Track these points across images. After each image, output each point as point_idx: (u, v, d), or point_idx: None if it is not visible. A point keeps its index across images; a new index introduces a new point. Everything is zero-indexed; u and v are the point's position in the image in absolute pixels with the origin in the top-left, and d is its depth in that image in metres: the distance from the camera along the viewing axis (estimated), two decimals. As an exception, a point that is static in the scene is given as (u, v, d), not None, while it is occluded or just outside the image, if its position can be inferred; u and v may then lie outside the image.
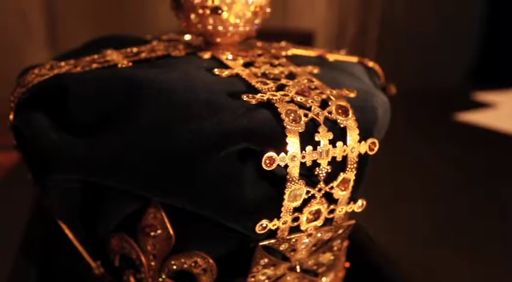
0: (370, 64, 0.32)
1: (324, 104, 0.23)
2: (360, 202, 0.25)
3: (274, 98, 0.22)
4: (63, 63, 0.27)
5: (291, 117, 0.21)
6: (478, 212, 0.50)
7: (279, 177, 0.22)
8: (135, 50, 0.28)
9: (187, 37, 0.32)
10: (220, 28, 0.27)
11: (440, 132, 0.73)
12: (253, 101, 0.22)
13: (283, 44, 0.32)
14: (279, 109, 0.21)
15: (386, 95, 0.32)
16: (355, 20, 1.59)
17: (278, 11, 1.55)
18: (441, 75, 1.71)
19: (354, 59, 0.32)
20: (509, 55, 1.52)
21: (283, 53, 0.29)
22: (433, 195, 0.52)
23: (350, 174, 0.23)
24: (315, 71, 0.26)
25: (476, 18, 1.72)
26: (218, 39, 0.28)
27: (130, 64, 0.25)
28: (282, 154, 0.21)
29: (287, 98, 0.22)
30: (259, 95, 0.22)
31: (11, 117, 0.24)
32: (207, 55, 0.26)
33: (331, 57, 0.30)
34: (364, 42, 1.63)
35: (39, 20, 1.38)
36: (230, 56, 0.26)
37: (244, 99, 0.21)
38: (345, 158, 0.23)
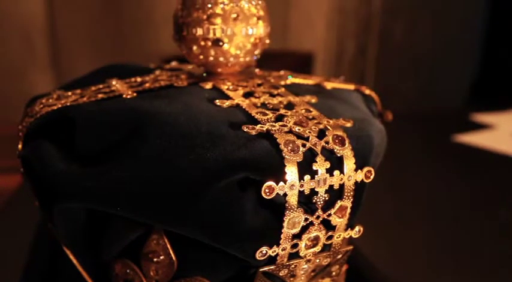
0: (367, 91, 0.33)
1: (321, 134, 0.24)
2: (357, 228, 0.26)
3: (273, 128, 0.23)
4: (69, 93, 0.28)
5: (289, 148, 0.22)
6: (479, 235, 0.50)
7: (278, 205, 0.23)
8: (139, 79, 0.29)
9: (189, 66, 0.33)
10: (221, 59, 0.28)
11: (439, 153, 0.74)
12: (253, 132, 0.22)
13: (281, 72, 0.33)
14: (277, 140, 0.22)
15: (383, 121, 0.33)
16: (354, 41, 1.61)
17: (278, 32, 1.57)
18: (440, 95, 1.73)
19: (351, 87, 0.33)
20: (509, 77, 1.54)
21: (282, 83, 0.30)
22: (433, 218, 0.53)
23: (347, 202, 0.24)
24: (313, 100, 0.27)
25: (475, 40, 1.74)
26: (219, 70, 0.29)
27: (134, 94, 0.26)
28: (281, 183, 0.22)
29: (286, 129, 0.23)
30: (259, 125, 0.23)
31: (20, 146, 0.25)
32: (208, 85, 0.27)
33: (329, 85, 0.31)
34: (363, 63, 1.65)
35: (43, 43, 1.40)
36: (231, 86, 0.27)
37: (245, 130, 0.22)
38: (342, 186, 0.24)
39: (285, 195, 0.22)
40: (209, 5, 0.27)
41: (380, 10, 1.61)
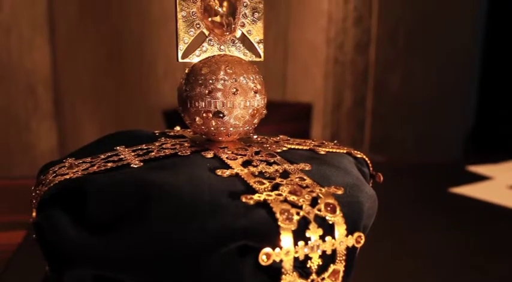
0: (359, 155, 0.35)
1: (314, 202, 0.26)
2: (351, 290, 0.27)
3: (270, 198, 0.25)
4: (80, 161, 0.30)
5: (284, 216, 0.24)
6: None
7: (275, 269, 0.25)
8: (144, 147, 0.31)
9: (191, 132, 0.35)
10: (222, 129, 0.31)
11: (435, 205, 0.75)
12: (251, 202, 0.24)
13: (278, 138, 0.35)
14: (273, 209, 0.24)
15: (375, 182, 0.35)
16: (352, 91, 1.66)
17: (277, 84, 1.61)
18: (436, 144, 1.75)
19: (343, 150, 0.35)
20: (504, 128, 1.57)
21: (278, 150, 0.32)
22: (430, 269, 0.54)
23: (339, 266, 0.26)
24: (307, 168, 0.29)
25: (471, 90, 1.78)
26: (220, 138, 0.31)
27: (141, 164, 0.28)
28: (277, 249, 0.24)
29: (281, 198, 0.25)
30: (257, 195, 0.25)
31: (34, 214, 0.27)
32: (210, 154, 0.30)
33: (322, 150, 0.33)
34: (361, 113, 1.69)
35: (46, 95, 1.44)
36: (230, 156, 0.29)
37: (243, 200, 0.24)
38: (334, 251, 0.25)
39: (281, 260, 0.24)
40: (210, 81, 0.30)
41: (376, 61, 1.66)
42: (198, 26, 0.31)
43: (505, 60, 1.63)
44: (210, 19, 0.31)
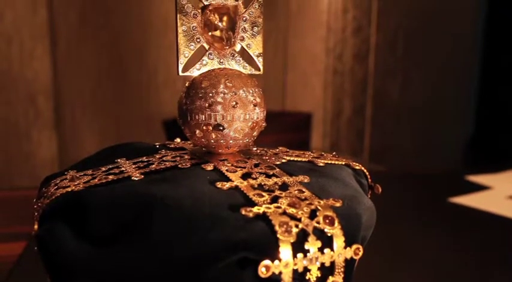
0: (357, 166, 0.35)
1: (312, 214, 0.26)
2: (350, 301, 0.28)
3: (269, 210, 0.25)
4: (82, 173, 0.31)
5: (283, 229, 0.24)
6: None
7: (274, 281, 0.25)
8: (145, 159, 0.32)
9: (191, 144, 0.35)
10: (221, 141, 0.31)
11: (434, 215, 0.75)
12: (251, 214, 0.25)
13: (277, 150, 0.36)
14: (272, 221, 0.25)
15: (373, 194, 0.35)
16: (351, 101, 1.66)
17: (277, 94, 1.62)
18: (436, 152, 1.76)
19: (341, 162, 0.35)
20: (504, 137, 1.57)
21: (278, 162, 0.32)
22: (428, 280, 0.54)
23: (338, 278, 0.26)
24: (305, 180, 0.29)
25: (471, 99, 1.79)
26: (220, 151, 0.32)
27: (142, 177, 0.29)
28: (276, 262, 0.24)
29: (280, 210, 0.25)
30: (256, 208, 0.25)
31: (36, 227, 0.27)
32: (210, 167, 0.30)
33: (321, 162, 0.34)
34: (361, 122, 1.69)
35: (47, 104, 1.45)
36: (230, 168, 0.30)
37: (243, 213, 0.25)
38: (332, 263, 0.26)
39: (280, 273, 0.24)
40: (210, 94, 0.30)
41: (375, 70, 1.66)
42: (198, 40, 0.31)
43: (505, 68, 1.64)
44: (210, 33, 0.32)
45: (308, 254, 0.25)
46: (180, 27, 0.31)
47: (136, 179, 0.28)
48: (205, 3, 0.31)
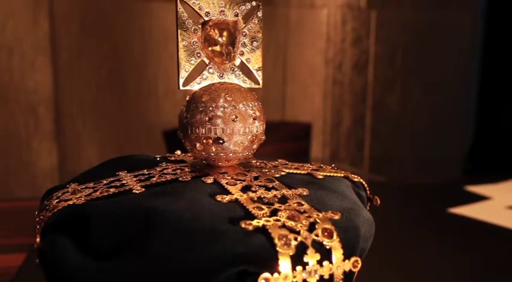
0: (356, 179, 0.36)
1: (311, 227, 0.26)
2: (349, 313, 0.28)
3: (268, 223, 0.26)
4: (83, 186, 0.31)
5: (282, 242, 0.25)
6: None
7: (274, 293, 0.25)
8: (146, 172, 0.32)
9: (192, 157, 0.36)
10: (221, 154, 0.31)
11: (434, 225, 0.75)
12: (250, 228, 0.25)
13: (277, 162, 0.36)
14: (272, 234, 0.25)
15: (372, 206, 0.36)
16: (351, 111, 1.67)
17: (277, 104, 1.63)
18: (435, 163, 1.76)
19: (340, 174, 0.35)
20: (504, 148, 1.57)
21: (277, 175, 0.32)
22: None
23: (337, 290, 0.26)
24: (304, 193, 0.30)
25: (471, 110, 1.80)
26: (220, 163, 0.32)
27: (143, 190, 0.29)
28: (276, 274, 0.24)
29: (279, 223, 0.26)
30: (255, 221, 0.26)
31: (38, 240, 0.27)
32: (210, 180, 0.30)
33: (320, 174, 0.34)
34: (360, 132, 1.70)
35: (47, 114, 1.45)
36: (230, 181, 0.30)
37: (243, 226, 0.25)
38: (331, 275, 0.26)
39: (280, 285, 0.24)
40: (211, 108, 0.30)
41: (375, 81, 1.67)
42: (198, 55, 0.32)
43: (504, 79, 1.65)
44: (210, 48, 0.32)
45: (307, 267, 0.25)
46: (181, 43, 0.31)
47: (138, 192, 0.29)
48: (206, 19, 0.32)
